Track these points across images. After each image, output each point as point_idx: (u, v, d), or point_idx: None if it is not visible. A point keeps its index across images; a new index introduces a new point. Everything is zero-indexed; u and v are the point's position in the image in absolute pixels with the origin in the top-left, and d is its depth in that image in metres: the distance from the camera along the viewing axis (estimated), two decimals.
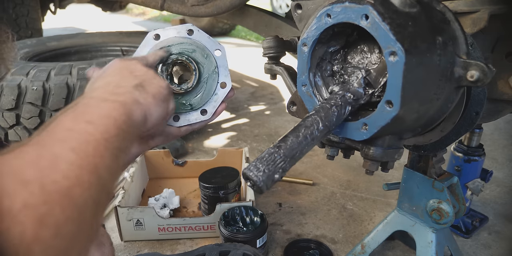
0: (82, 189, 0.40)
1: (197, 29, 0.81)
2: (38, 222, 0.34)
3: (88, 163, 0.42)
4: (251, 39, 5.63)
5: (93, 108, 0.50)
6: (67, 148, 0.41)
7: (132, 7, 9.28)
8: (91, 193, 0.41)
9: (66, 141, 0.42)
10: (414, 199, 1.01)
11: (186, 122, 0.81)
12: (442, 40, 0.56)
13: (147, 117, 0.59)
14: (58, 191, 0.37)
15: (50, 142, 0.42)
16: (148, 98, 0.59)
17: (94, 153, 0.43)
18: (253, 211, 1.23)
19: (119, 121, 0.50)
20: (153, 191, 1.59)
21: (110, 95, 0.54)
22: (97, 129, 0.46)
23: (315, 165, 1.87)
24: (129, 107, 0.54)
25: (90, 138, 0.44)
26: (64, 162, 0.40)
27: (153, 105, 0.60)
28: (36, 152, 0.40)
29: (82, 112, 0.49)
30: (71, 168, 0.40)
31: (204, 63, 0.80)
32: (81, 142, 0.43)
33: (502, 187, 1.66)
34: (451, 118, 0.76)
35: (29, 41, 2.38)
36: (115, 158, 0.47)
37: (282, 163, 0.53)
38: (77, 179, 0.40)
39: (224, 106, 0.82)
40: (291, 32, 1.44)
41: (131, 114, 0.54)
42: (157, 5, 1.64)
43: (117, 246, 1.31)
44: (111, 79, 0.60)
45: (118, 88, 0.57)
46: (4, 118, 1.63)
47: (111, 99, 0.53)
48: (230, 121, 2.49)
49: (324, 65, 0.70)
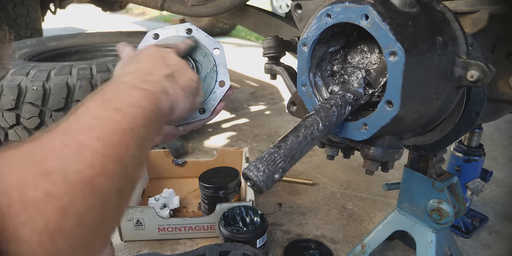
0: (106, 179, 0.39)
1: (196, 28, 0.81)
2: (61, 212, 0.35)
3: (113, 152, 0.42)
4: (251, 39, 5.63)
5: (123, 95, 0.50)
6: (93, 137, 0.41)
7: (132, 7, 9.28)
8: (114, 182, 0.41)
9: (92, 129, 0.42)
10: (414, 199, 1.01)
11: (184, 121, 0.80)
12: (442, 40, 0.56)
13: (174, 108, 0.59)
14: (81, 181, 0.37)
15: (76, 130, 0.42)
16: (178, 89, 0.59)
17: (120, 142, 0.43)
18: (253, 211, 1.23)
19: (147, 111, 0.50)
20: (153, 191, 1.59)
21: (141, 82, 0.54)
22: (124, 118, 0.46)
23: (315, 165, 1.87)
24: (158, 97, 0.54)
25: (117, 127, 0.44)
26: (89, 150, 0.40)
27: (181, 97, 0.60)
28: (61, 140, 0.40)
29: (111, 98, 0.49)
30: (96, 157, 0.40)
31: (203, 62, 0.81)
32: (108, 131, 0.43)
33: (502, 187, 1.66)
34: (451, 118, 0.76)
35: (29, 41, 2.38)
36: (140, 147, 0.46)
37: (282, 163, 0.53)
38: (101, 168, 0.39)
39: (223, 104, 0.82)
40: (291, 32, 1.44)
41: (159, 104, 0.54)
42: (157, 5, 1.64)
43: (117, 246, 1.31)
44: (144, 66, 0.60)
45: (149, 76, 0.57)
46: (4, 118, 1.63)
47: (141, 87, 0.53)
48: (230, 121, 2.49)
49: (324, 65, 0.70)
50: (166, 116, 0.57)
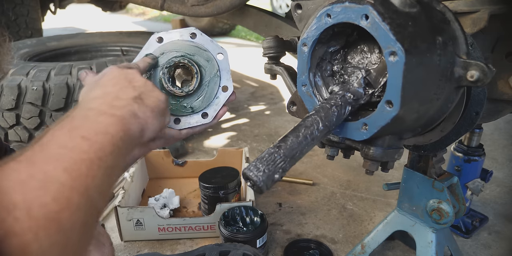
0: (71, 212, 0.38)
1: (200, 33, 0.82)
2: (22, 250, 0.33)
3: (80, 184, 0.40)
4: (251, 39, 5.63)
5: (90, 121, 0.49)
6: (60, 168, 0.40)
7: (132, 7, 9.28)
8: (80, 215, 0.40)
9: (59, 159, 0.41)
10: (414, 199, 1.01)
11: (187, 125, 0.81)
12: (442, 40, 0.56)
13: (144, 131, 0.58)
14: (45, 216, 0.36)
15: (43, 160, 0.41)
16: (147, 111, 0.59)
17: (86, 173, 0.42)
18: (253, 211, 1.23)
19: (116, 138, 0.49)
20: (153, 191, 1.59)
21: (108, 108, 0.53)
22: (92, 147, 0.45)
23: (315, 165, 1.87)
24: (127, 122, 0.53)
25: (84, 156, 0.43)
26: (55, 183, 0.38)
27: (151, 118, 0.59)
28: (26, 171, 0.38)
29: (78, 126, 0.48)
30: (62, 190, 0.38)
31: (206, 66, 0.81)
32: (75, 162, 0.42)
33: (502, 187, 1.66)
34: (451, 118, 0.76)
35: (29, 41, 2.38)
36: (107, 177, 0.45)
37: (282, 163, 0.53)
38: (67, 202, 0.38)
39: (225, 109, 0.82)
40: (291, 32, 1.44)
41: (129, 129, 0.53)
42: (157, 5, 1.64)
43: (117, 246, 1.31)
44: (110, 89, 0.59)
45: (117, 100, 0.56)
46: (4, 118, 1.63)
47: (110, 112, 0.52)
48: (230, 121, 2.49)
49: (324, 65, 0.70)
50: (136, 140, 0.56)
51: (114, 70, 0.65)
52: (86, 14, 8.29)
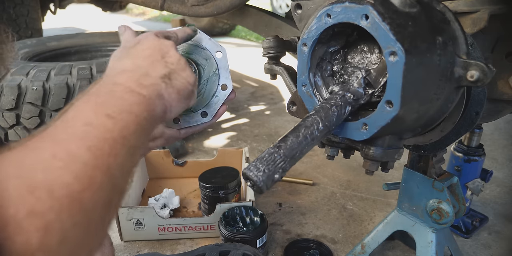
0: (93, 192, 0.38)
1: (199, 31, 0.82)
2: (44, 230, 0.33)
3: (102, 163, 0.40)
4: (251, 39, 5.63)
5: (116, 99, 0.48)
6: (84, 147, 0.40)
7: (132, 7, 9.28)
8: (102, 195, 0.39)
9: (83, 138, 0.41)
10: (414, 199, 1.01)
11: (186, 124, 0.80)
12: (442, 40, 0.56)
13: (166, 112, 0.58)
14: (67, 196, 0.36)
15: (66, 137, 0.40)
16: (173, 93, 0.58)
17: (110, 151, 0.42)
18: (253, 211, 1.23)
19: (140, 118, 0.49)
20: (153, 191, 1.59)
21: (136, 85, 0.53)
22: (116, 125, 0.44)
23: (315, 165, 1.87)
24: (152, 102, 0.53)
25: (108, 135, 0.43)
26: (78, 162, 0.38)
27: (175, 101, 0.59)
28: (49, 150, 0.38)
29: (104, 102, 0.47)
30: (85, 169, 0.38)
31: (205, 65, 0.81)
32: (99, 140, 0.41)
33: (502, 187, 1.66)
34: (451, 118, 0.76)
35: (29, 41, 2.37)
36: (129, 156, 0.45)
37: (282, 163, 0.53)
38: (89, 181, 0.38)
39: (225, 108, 0.82)
40: (291, 32, 1.44)
41: (153, 109, 0.53)
42: (157, 5, 1.64)
43: (117, 246, 1.31)
44: (141, 63, 0.58)
45: (145, 77, 0.55)
46: (4, 118, 1.63)
47: (136, 91, 0.52)
48: (230, 121, 2.49)
49: (324, 65, 0.70)
50: (158, 119, 0.56)
51: (151, 39, 0.64)
52: (86, 14, 8.29)
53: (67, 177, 0.36)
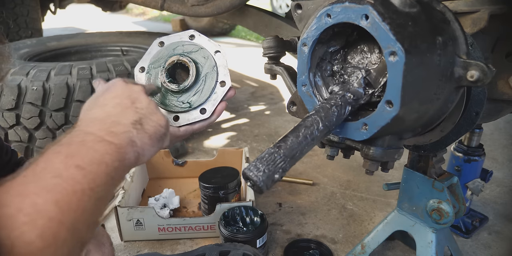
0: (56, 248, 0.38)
1: (198, 34, 0.84)
2: None
3: (68, 218, 0.40)
4: (251, 39, 5.63)
5: (87, 149, 0.48)
6: (51, 201, 0.39)
7: (132, 7, 9.28)
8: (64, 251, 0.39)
9: (51, 191, 0.40)
10: (414, 199, 1.01)
11: (185, 122, 0.81)
12: (442, 40, 0.56)
13: (139, 157, 0.57)
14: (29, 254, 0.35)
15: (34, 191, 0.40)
16: (145, 138, 0.58)
17: (77, 205, 0.41)
18: (253, 211, 1.23)
19: (110, 168, 0.48)
20: (153, 191, 1.59)
21: (106, 134, 0.52)
22: (85, 177, 0.44)
23: (315, 165, 1.87)
24: (123, 151, 0.52)
25: (76, 187, 0.42)
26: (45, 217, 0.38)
27: (148, 145, 0.58)
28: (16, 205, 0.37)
29: (74, 153, 0.47)
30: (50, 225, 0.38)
31: (203, 63, 0.82)
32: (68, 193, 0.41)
33: (502, 187, 1.66)
34: (451, 118, 0.76)
35: (29, 41, 2.37)
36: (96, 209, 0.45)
37: (282, 163, 0.53)
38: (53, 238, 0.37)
39: (224, 105, 0.82)
40: (291, 32, 1.44)
41: (124, 158, 0.52)
42: (157, 5, 1.64)
43: (117, 246, 1.31)
44: (111, 111, 0.58)
45: (116, 126, 0.55)
46: (4, 118, 1.63)
47: (107, 140, 0.51)
48: (230, 121, 2.49)
49: (324, 65, 0.70)
50: (129, 166, 0.55)
51: (119, 86, 0.63)
52: (86, 14, 8.29)
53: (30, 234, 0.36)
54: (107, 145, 0.50)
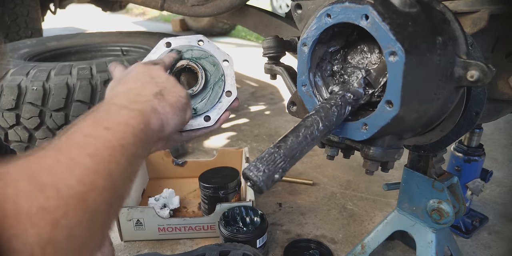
0: (96, 194, 0.41)
1: (207, 40, 0.84)
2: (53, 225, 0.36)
3: (103, 168, 0.43)
4: (251, 39, 5.63)
5: (113, 115, 0.51)
6: (84, 154, 0.42)
7: (132, 7, 9.28)
8: (104, 198, 0.42)
9: (83, 146, 0.44)
10: (414, 199, 1.01)
11: (188, 127, 0.81)
12: (442, 40, 0.56)
13: (164, 125, 0.59)
14: (72, 196, 0.38)
15: (68, 147, 0.43)
16: (167, 107, 0.60)
17: (110, 158, 0.44)
18: (253, 211, 1.23)
19: (137, 129, 0.51)
20: (153, 191, 1.59)
21: (130, 103, 0.55)
22: (114, 136, 0.47)
23: (315, 165, 1.87)
24: (147, 116, 0.55)
25: (107, 144, 0.45)
26: (80, 167, 0.41)
27: (171, 114, 0.61)
28: (54, 157, 0.41)
29: (101, 118, 0.50)
30: (87, 174, 0.41)
31: (212, 71, 0.82)
32: (98, 148, 0.44)
33: (502, 187, 1.66)
34: (451, 118, 0.76)
35: (29, 41, 2.37)
36: (129, 164, 0.48)
37: (282, 163, 0.53)
38: (91, 185, 0.41)
39: (228, 114, 0.84)
40: (291, 32, 1.44)
41: (149, 122, 0.55)
42: (157, 5, 1.64)
43: (117, 246, 1.31)
44: (133, 86, 0.61)
45: (138, 96, 0.58)
46: (4, 118, 1.63)
47: (131, 107, 0.54)
48: (230, 121, 2.49)
49: (324, 65, 0.70)
50: (156, 133, 0.58)
51: (139, 67, 0.67)
52: (86, 14, 8.29)
53: (71, 180, 0.39)
54: (131, 111, 0.53)
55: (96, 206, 0.41)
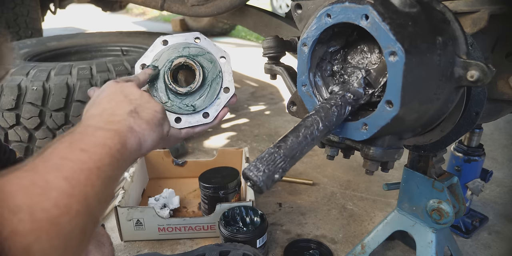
0: (70, 218, 0.40)
1: (204, 37, 0.84)
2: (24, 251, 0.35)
3: (79, 192, 0.42)
4: (251, 39, 5.63)
5: (89, 136, 0.51)
6: (60, 177, 0.42)
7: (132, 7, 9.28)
8: (78, 221, 0.41)
9: (59, 169, 0.43)
10: (414, 199, 1.01)
11: (187, 124, 0.81)
12: (442, 40, 0.56)
13: (141, 143, 0.59)
14: (47, 220, 0.38)
15: (44, 169, 0.43)
16: (143, 124, 0.60)
17: (85, 182, 0.44)
18: (253, 211, 1.23)
19: (114, 150, 0.51)
20: (153, 191, 1.59)
21: (105, 123, 0.55)
22: (90, 158, 0.47)
23: (315, 165, 1.87)
24: (123, 135, 0.55)
25: (83, 166, 0.45)
26: (56, 190, 0.40)
27: (147, 130, 0.60)
28: (29, 179, 0.40)
29: (77, 140, 0.50)
30: (62, 197, 0.40)
31: (210, 68, 0.82)
32: (75, 171, 0.44)
33: (502, 187, 1.66)
34: (451, 118, 0.76)
35: (29, 41, 2.37)
36: (105, 187, 0.47)
37: (282, 163, 0.53)
38: (66, 208, 0.40)
39: (226, 110, 0.83)
40: (291, 32, 1.44)
41: (126, 142, 0.55)
42: (157, 5, 1.64)
43: (117, 246, 1.31)
44: (107, 106, 0.61)
45: (113, 116, 0.58)
46: (4, 118, 1.63)
47: (106, 127, 0.54)
48: (230, 121, 2.49)
49: (324, 65, 0.70)
50: (134, 152, 0.57)
51: (111, 86, 0.66)
52: (86, 14, 8.29)
53: (46, 203, 0.39)
54: (107, 132, 0.53)
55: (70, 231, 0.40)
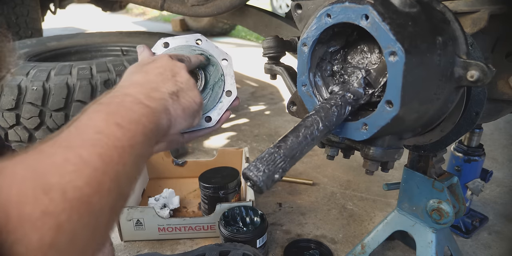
0: (101, 196, 0.40)
1: (205, 39, 0.83)
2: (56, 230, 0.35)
3: (111, 169, 0.42)
4: (251, 39, 5.63)
5: (126, 110, 0.51)
6: (95, 153, 0.42)
7: (132, 7, 9.29)
8: (109, 200, 0.41)
9: (94, 145, 0.43)
10: (414, 199, 1.01)
11: (189, 129, 0.81)
12: (442, 40, 0.56)
13: (171, 126, 0.59)
14: (78, 198, 0.37)
15: (79, 144, 0.42)
16: (178, 110, 0.60)
17: (118, 160, 0.44)
18: (253, 211, 1.23)
19: (147, 129, 0.51)
20: (153, 191, 1.59)
21: (145, 97, 0.55)
22: (125, 134, 0.46)
23: (315, 165, 1.87)
24: (158, 115, 0.55)
25: (117, 143, 0.45)
26: (90, 168, 0.40)
27: (180, 117, 0.60)
28: (62, 155, 0.40)
29: (114, 112, 0.49)
30: (95, 175, 0.40)
31: (211, 71, 0.82)
32: (109, 148, 0.43)
33: (502, 187, 1.66)
34: (451, 118, 0.76)
35: (29, 41, 2.37)
36: (135, 165, 0.47)
37: (282, 163, 0.53)
38: (98, 186, 0.40)
39: (228, 114, 0.83)
40: (291, 32, 1.44)
41: (159, 122, 0.55)
42: (157, 5, 1.64)
43: (117, 246, 1.31)
44: (153, 78, 0.61)
45: (155, 92, 0.58)
46: (4, 118, 1.63)
47: (145, 103, 0.54)
48: (230, 121, 2.49)
49: (324, 65, 0.70)
50: (162, 132, 0.57)
51: (165, 59, 0.67)
52: (86, 14, 8.29)
53: (79, 181, 0.38)
54: (144, 108, 0.53)
55: (100, 209, 0.40)
